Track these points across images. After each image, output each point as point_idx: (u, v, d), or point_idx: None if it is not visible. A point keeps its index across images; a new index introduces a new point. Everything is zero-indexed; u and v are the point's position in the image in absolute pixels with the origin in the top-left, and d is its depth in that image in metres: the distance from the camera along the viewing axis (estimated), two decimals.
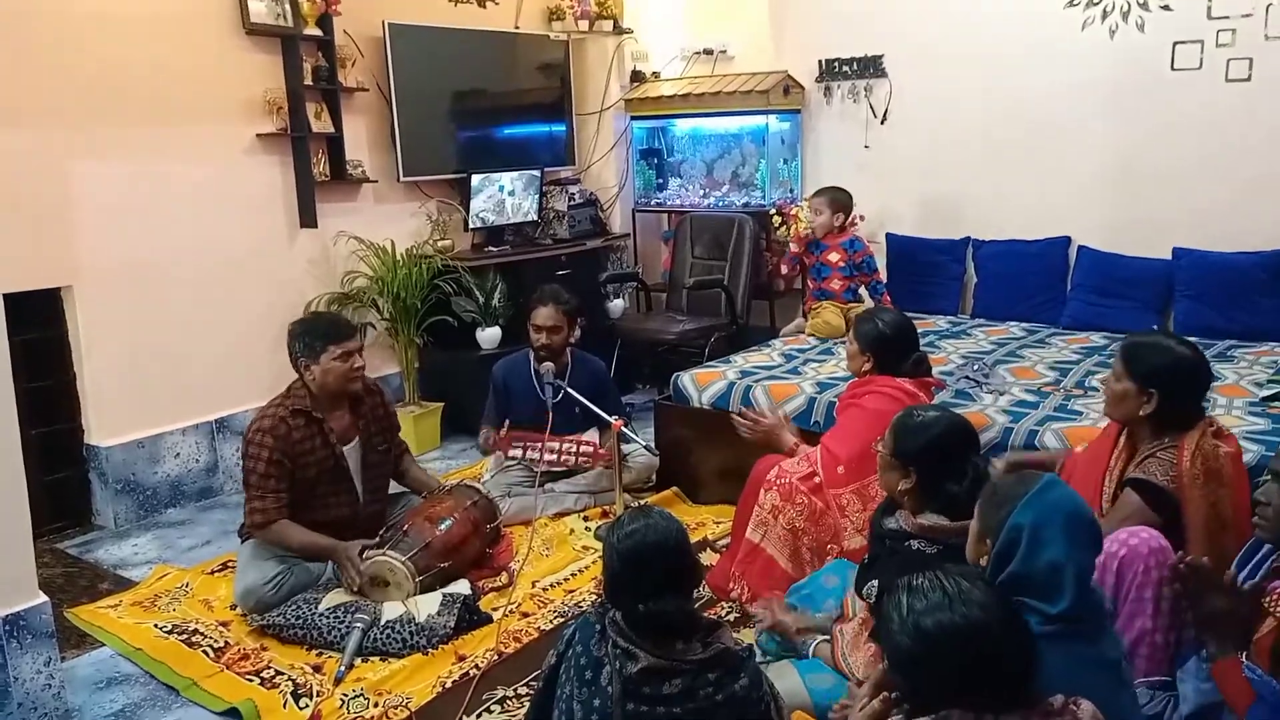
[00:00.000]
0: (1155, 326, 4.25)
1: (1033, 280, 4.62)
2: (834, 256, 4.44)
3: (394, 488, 3.39)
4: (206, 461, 4.09)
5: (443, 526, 3.08)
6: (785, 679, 2.32)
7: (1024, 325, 4.49)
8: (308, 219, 4.36)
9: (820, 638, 2.45)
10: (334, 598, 2.89)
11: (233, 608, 3.03)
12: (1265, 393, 3.17)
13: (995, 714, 1.31)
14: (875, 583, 2.29)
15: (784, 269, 4.75)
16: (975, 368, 3.75)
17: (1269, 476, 1.90)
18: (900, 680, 1.42)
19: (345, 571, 2.92)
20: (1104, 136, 4.45)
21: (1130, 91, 4.36)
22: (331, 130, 4.44)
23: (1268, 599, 1.90)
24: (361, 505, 3.15)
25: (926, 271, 4.90)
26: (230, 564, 3.30)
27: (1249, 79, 4.09)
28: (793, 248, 4.62)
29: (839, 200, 4.45)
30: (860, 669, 2.26)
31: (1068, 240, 4.59)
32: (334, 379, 3.01)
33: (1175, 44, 4.23)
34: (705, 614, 1.91)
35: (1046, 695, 1.37)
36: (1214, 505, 2.22)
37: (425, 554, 2.97)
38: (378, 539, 3.03)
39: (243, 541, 3.07)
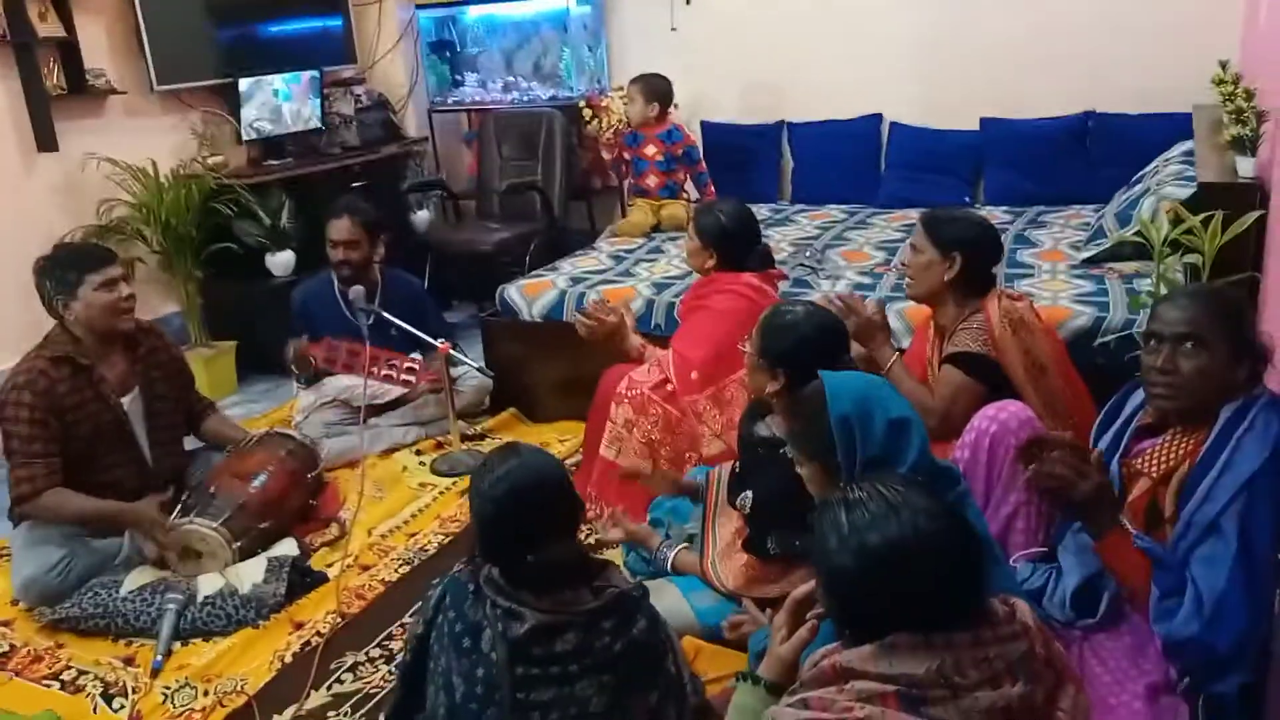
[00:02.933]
0: (967, 199, 4.33)
1: (848, 161, 4.59)
2: (650, 149, 4.21)
3: (192, 444, 2.99)
4: None
5: (256, 482, 2.72)
6: (666, 599, 2.18)
7: (843, 207, 4.46)
8: (45, 141, 3.70)
9: (679, 545, 2.32)
10: (137, 577, 2.51)
11: (14, 603, 2.57)
12: (1085, 254, 3.25)
13: (946, 632, 1.18)
14: (749, 493, 2.18)
15: (606, 161, 4.47)
16: (807, 254, 3.67)
17: (1150, 340, 1.84)
18: (838, 605, 1.27)
19: (149, 535, 2.54)
20: (909, 9, 4.40)
21: None
22: (63, 33, 3.75)
23: (1139, 460, 1.89)
24: (151, 464, 2.74)
25: (743, 158, 4.77)
26: (3, 552, 2.82)
27: None
28: (605, 153, 4.35)
29: (654, 86, 4.18)
30: (730, 579, 2.18)
31: (879, 117, 4.57)
32: (100, 313, 2.57)
33: None
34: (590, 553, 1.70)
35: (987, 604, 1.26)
36: (1028, 352, 2.29)
37: (240, 515, 2.61)
38: (180, 505, 2.65)
39: (15, 525, 2.62)
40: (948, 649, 1.18)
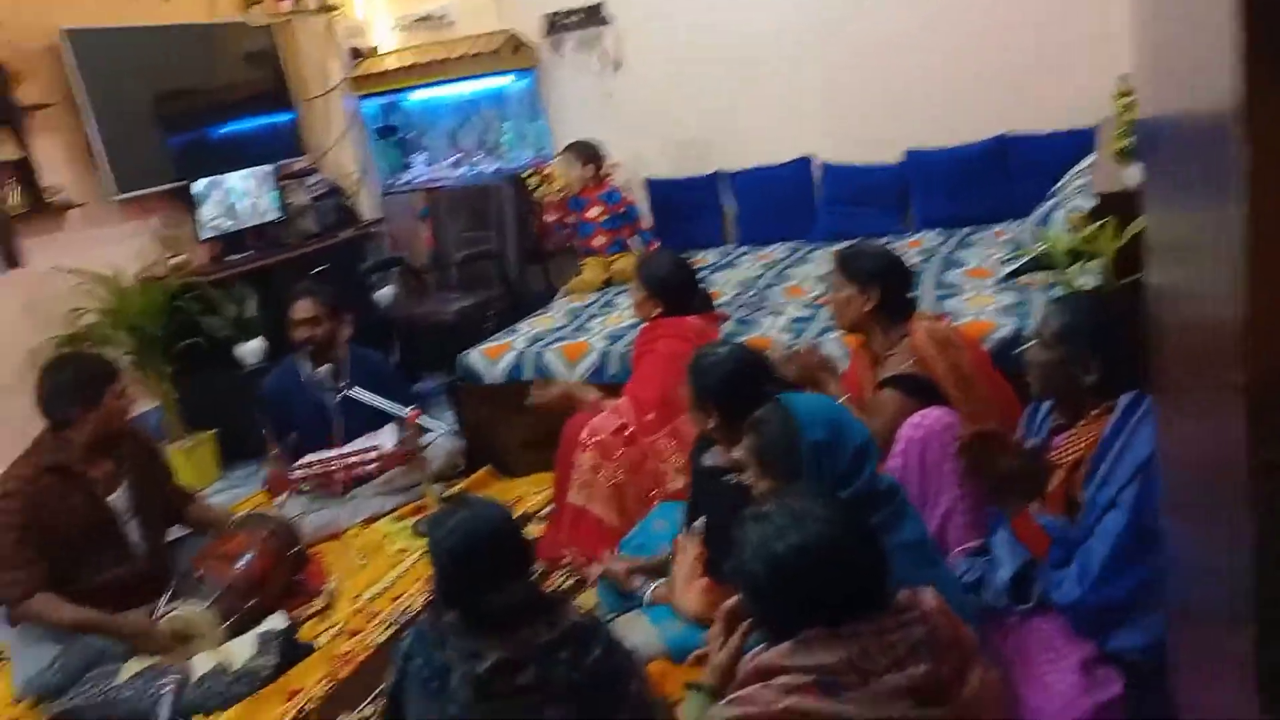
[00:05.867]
0: (898, 227, 4.54)
1: (785, 202, 4.80)
2: (594, 211, 4.41)
3: (175, 533, 3.10)
4: None
5: (241, 562, 2.84)
6: (638, 630, 2.31)
7: (786, 245, 4.66)
8: (10, 259, 3.84)
9: (656, 581, 2.45)
10: (133, 665, 2.60)
11: (17, 702, 2.66)
12: (1007, 269, 3.44)
13: (853, 623, 1.33)
14: (702, 519, 2.32)
15: (551, 226, 4.66)
16: (751, 294, 3.85)
17: (1034, 340, 2.06)
18: (757, 609, 1.42)
19: (145, 645, 2.63)
20: (827, 53, 4.64)
21: (845, 5, 4.56)
22: (18, 155, 3.91)
23: (1055, 453, 2.07)
24: (143, 558, 2.85)
25: (687, 209, 4.98)
26: (4, 654, 2.90)
27: None
28: (548, 217, 4.54)
29: (585, 151, 4.40)
30: (692, 605, 2.29)
31: (809, 160, 4.79)
32: (115, 419, 2.76)
33: None
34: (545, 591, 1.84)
35: (891, 595, 1.41)
36: (955, 366, 2.45)
37: (227, 596, 2.72)
38: (170, 592, 2.75)
39: (11, 626, 2.71)
40: (855, 638, 1.33)
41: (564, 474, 2.94)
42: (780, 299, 3.78)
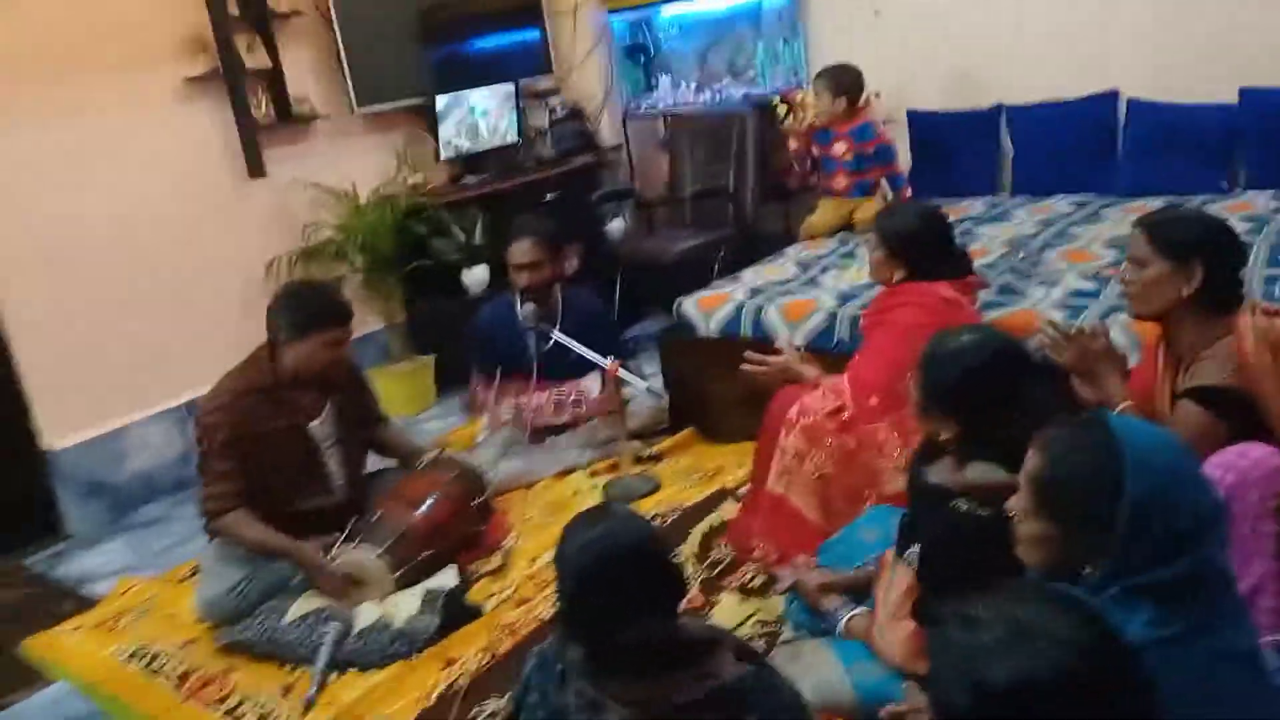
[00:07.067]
0: (1223, 185, 3.69)
1: (1078, 145, 4.03)
2: (839, 148, 3.87)
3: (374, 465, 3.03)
4: (180, 449, 3.72)
5: (422, 508, 2.70)
6: (822, 669, 1.92)
7: (1072, 199, 3.93)
8: (256, 168, 3.90)
9: (854, 610, 2.03)
10: (302, 604, 2.53)
11: (200, 620, 2.69)
12: None
13: None
14: (916, 549, 1.88)
15: (794, 165, 4.17)
16: (1020, 256, 3.24)
17: None
18: None
19: (317, 582, 2.56)
20: None
21: None
22: (269, 64, 3.95)
23: None
24: (342, 486, 2.78)
25: (955, 149, 4.31)
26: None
27: None
28: (792, 144, 4.04)
29: (840, 80, 3.83)
30: (897, 650, 1.86)
31: (1115, 94, 3.99)
32: (312, 364, 2.64)
33: None
34: (701, 628, 1.49)
35: None
36: None
37: (403, 544, 2.59)
38: (348, 530, 2.67)
39: (210, 541, 2.73)
40: None
41: (766, 454, 2.56)
42: (1059, 265, 3.15)
